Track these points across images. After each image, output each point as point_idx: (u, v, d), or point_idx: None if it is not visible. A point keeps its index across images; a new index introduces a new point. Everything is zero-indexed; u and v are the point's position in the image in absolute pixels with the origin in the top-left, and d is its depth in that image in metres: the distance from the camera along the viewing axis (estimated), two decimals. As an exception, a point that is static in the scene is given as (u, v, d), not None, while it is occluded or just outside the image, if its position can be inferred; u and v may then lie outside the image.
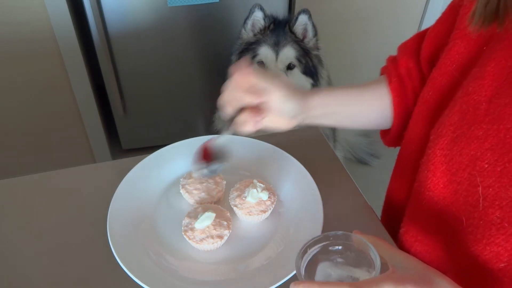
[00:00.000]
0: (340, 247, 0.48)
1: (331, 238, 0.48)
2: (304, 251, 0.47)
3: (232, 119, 0.60)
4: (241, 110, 0.59)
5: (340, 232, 0.48)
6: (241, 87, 0.58)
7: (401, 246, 0.63)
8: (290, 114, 0.63)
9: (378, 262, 0.43)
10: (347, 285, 0.40)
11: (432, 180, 0.56)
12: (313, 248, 0.48)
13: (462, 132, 0.52)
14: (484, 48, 0.53)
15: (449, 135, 0.54)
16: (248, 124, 0.59)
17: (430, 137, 0.57)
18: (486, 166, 0.49)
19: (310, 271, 0.47)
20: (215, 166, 0.64)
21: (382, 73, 0.76)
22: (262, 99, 0.59)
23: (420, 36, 0.70)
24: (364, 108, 0.71)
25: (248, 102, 0.58)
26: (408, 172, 0.66)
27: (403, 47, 0.72)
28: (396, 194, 0.72)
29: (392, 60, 0.73)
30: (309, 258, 0.47)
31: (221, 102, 0.60)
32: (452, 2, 0.64)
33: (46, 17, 1.54)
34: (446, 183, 0.54)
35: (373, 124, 0.74)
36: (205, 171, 0.65)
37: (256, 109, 0.59)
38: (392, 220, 0.72)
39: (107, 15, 1.61)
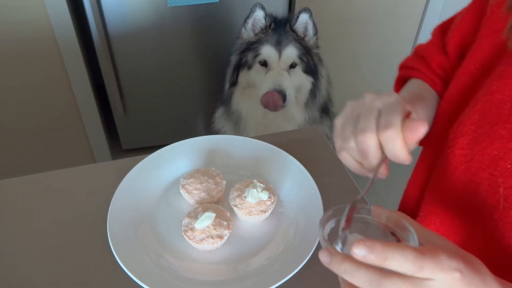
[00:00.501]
0: (361, 221, 0.45)
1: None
2: (325, 220, 0.44)
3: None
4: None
5: (363, 207, 0.45)
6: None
7: None
8: None
9: (416, 241, 0.40)
10: (410, 249, 0.36)
11: (450, 180, 0.54)
12: (332, 220, 0.45)
13: (484, 132, 0.51)
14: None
15: (469, 134, 0.52)
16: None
17: (449, 136, 0.56)
18: (509, 166, 0.48)
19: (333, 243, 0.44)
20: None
21: (401, 79, 0.72)
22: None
23: (442, 31, 0.68)
24: (432, 116, 0.66)
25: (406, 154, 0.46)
26: (426, 172, 0.65)
27: (430, 47, 0.69)
28: (413, 194, 0.71)
29: (421, 63, 0.69)
30: (329, 231, 0.44)
31: (365, 152, 0.47)
32: (474, 2, 0.62)
33: (46, 17, 1.54)
34: (465, 183, 0.53)
35: None
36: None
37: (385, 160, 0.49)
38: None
39: (107, 15, 1.61)
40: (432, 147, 0.64)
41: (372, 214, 0.45)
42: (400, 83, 0.74)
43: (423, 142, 0.72)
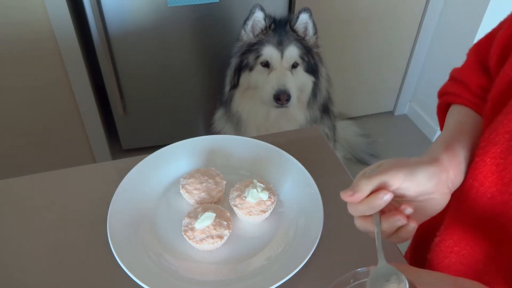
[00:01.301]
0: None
1: (352, 281, 0.45)
2: None
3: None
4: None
5: (359, 271, 0.45)
6: (362, 201, 0.50)
7: (434, 256, 0.61)
8: (430, 183, 0.51)
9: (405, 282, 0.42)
10: None
11: (479, 189, 0.52)
12: None
13: None
14: None
15: (503, 143, 0.50)
16: (403, 228, 0.50)
17: (479, 145, 0.53)
18: None
19: None
20: None
21: (445, 103, 0.70)
22: (392, 190, 0.49)
23: (477, 51, 0.66)
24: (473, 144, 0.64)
25: (380, 204, 0.49)
26: None
27: (466, 69, 0.67)
28: None
29: (462, 87, 0.66)
30: None
31: (360, 227, 0.52)
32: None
33: (46, 17, 1.54)
34: (495, 194, 0.51)
35: None
36: None
37: (398, 208, 0.50)
38: (428, 228, 0.70)
39: (107, 15, 1.61)
40: None
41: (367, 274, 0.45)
42: (442, 110, 0.71)
43: None
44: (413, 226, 0.49)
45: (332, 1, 1.82)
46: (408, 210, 0.49)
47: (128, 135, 2.00)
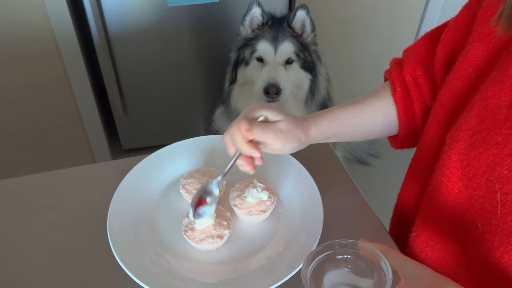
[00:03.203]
0: (347, 256, 0.47)
1: (337, 247, 0.47)
2: (310, 260, 0.46)
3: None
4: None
5: (349, 241, 0.47)
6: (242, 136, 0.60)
7: (411, 251, 0.62)
8: (291, 151, 0.65)
9: (390, 274, 0.42)
10: None
11: (447, 185, 0.54)
12: (319, 257, 0.47)
13: (480, 137, 0.50)
14: (504, 51, 0.51)
15: (466, 139, 0.52)
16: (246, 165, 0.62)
17: (445, 141, 0.55)
18: (506, 172, 0.47)
19: (317, 280, 0.46)
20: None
21: (385, 78, 0.74)
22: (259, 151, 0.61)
23: (430, 40, 0.68)
24: (368, 124, 0.70)
25: (248, 152, 0.60)
26: (421, 176, 0.64)
27: (411, 52, 0.70)
28: (408, 198, 0.71)
29: (397, 65, 0.70)
30: (315, 266, 0.46)
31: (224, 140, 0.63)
32: (467, 4, 0.62)
33: (46, 17, 1.54)
34: (462, 189, 0.53)
35: (379, 134, 0.73)
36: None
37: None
38: (403, 224, 0.71)
39: (107, 15, 1.61)
40: (427, 151, 0.63)
41: (357, 247, 0.47)
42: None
43: (410, 145, 0.73)
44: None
45: (333, 0, 1.82)
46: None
47: (128, 135, 2.00)
